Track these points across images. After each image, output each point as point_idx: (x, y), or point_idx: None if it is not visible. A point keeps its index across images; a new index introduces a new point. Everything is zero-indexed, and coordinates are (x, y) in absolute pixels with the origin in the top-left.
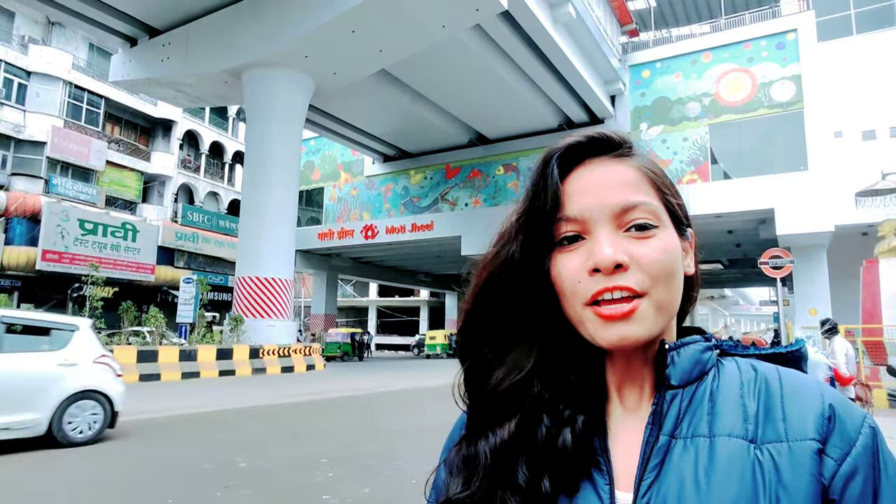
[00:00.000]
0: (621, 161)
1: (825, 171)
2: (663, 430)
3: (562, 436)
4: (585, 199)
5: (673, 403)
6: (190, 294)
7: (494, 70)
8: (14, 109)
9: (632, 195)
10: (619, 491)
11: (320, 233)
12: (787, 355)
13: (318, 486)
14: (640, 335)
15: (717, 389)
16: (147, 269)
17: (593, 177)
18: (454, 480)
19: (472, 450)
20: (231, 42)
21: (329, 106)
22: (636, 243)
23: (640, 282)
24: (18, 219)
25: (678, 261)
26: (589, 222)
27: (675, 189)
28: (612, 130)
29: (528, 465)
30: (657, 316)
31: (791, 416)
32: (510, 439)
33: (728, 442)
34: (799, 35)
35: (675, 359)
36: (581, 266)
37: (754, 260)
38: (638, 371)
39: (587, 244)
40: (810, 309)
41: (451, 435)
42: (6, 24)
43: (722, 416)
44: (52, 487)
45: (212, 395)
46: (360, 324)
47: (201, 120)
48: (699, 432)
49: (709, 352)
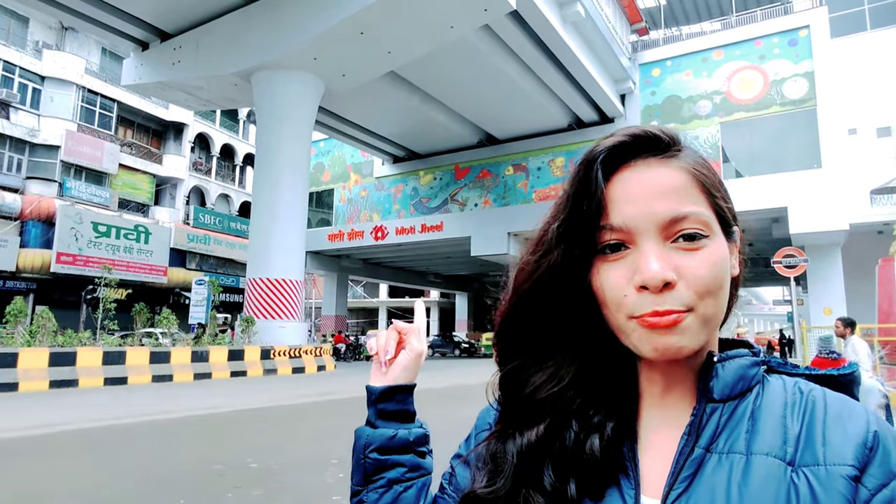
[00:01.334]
0: (668, 163)
1: (839, 168)
2: (699, 442)
3: (589, 442)
4: (631, 207)
5: (712, 417)
6: (202, 295)
7: (503, 70)
8: (28, 114)
9: (681, 204)
10: (644, 496)
11: (330, 234)
12: (839, 378)
13: (328, 486)
14: (686, 347)
15: (760, 407)
16: (159, 270)
17: (639, 182)
18: (480, 474)
19: (501, 447)
20: (241, 45)
21: (338, 107)
22: (684, 256)
23: (687, 300)
24: (33, 222)
25: (727, 271)
26: (634, 233)
27: (726, 190)
28: (660, 127)
29: (555, 469)
30: (703, 328)
31: (831, 440)
32: (538, 442)
33: (765, 461)
34: (811, 31)
35: (719, 371)
36: (626, 279)
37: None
38: (679, 380)
39: (632, 255)
40: (825, 308)
41: (478, 424)
42: (21, 29)
43: (761, 435)
44: (63, 487)
45: (223, 396)
46: (371, 325)
47: (212, 123)
48: (736, 449)
49: (755, 367)
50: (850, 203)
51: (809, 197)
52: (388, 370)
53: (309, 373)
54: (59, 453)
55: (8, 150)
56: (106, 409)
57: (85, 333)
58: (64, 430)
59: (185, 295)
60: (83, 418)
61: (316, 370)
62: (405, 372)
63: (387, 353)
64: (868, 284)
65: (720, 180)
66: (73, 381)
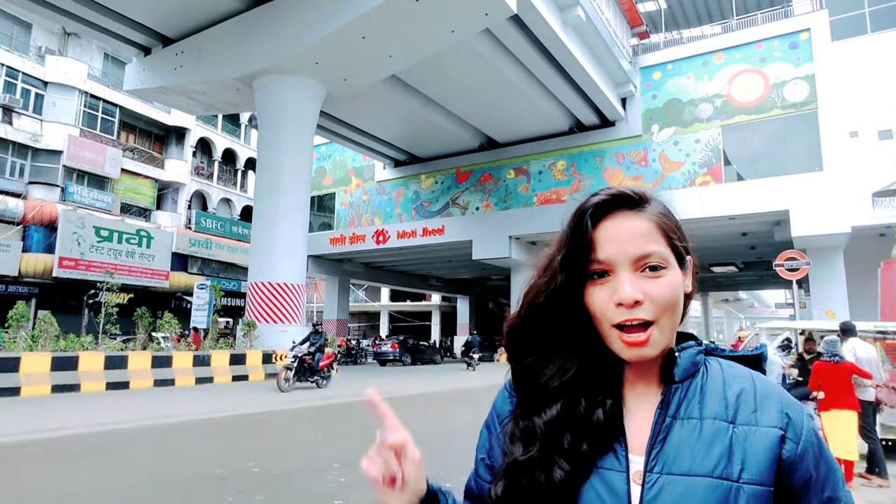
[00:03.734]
0: (639, 215)
1: (841, 171)
2: (668, 412)
3: (595, 414)
4: (611, 247)
5: (675, 394)
6: (204, 300)
7: (504, 74)
8: (31, 119)
9: (646, 245)
10: (632, 455)
11: (332, 238)
12: (754, 357)
13: (330, 491)
14: (653, 354)
15: (706, 384)
16: (161, 275)
17: (617, 229)
18: (515, 446)
19: (530, 423)
20: (242, 50)
21: (340, 111)
22: (649, 282)
23: (651, 312)
24: (36, 227)
25: (681, 292)
26: (614, 265)
27: (682, 232)
28: (633, 188)
29: (572, 435)
30: (664, 338)
31: (761, 408)
32: (558, 416)
33: (713, 422)
34: (812, 34)
35: (677, 360)
36: (608, 298)
37: (769, 262)
38: (649, 369)
39: (613, 281)
40: (827, 311)
41: (499, 412)
42: (24, 35)
43: (709, 404)
44: (65, 491)
45: (225, 400)
46: (372, 329)
47: (214, 127)
48: (692, 415)
49: (700, 354)
50: (851, 206)
51: (811, 200)
52: (401, 491)
53: None
54: (61, 458)
55: (11, 155)
56: (108, 413)
57: (87, 338)
58: (66, 434)
59: (186, 299)
60: (85, 423)
61: None
62: (418, 483)
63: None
64: (870, 287)
65: (678, 225)
66: (75, 386)
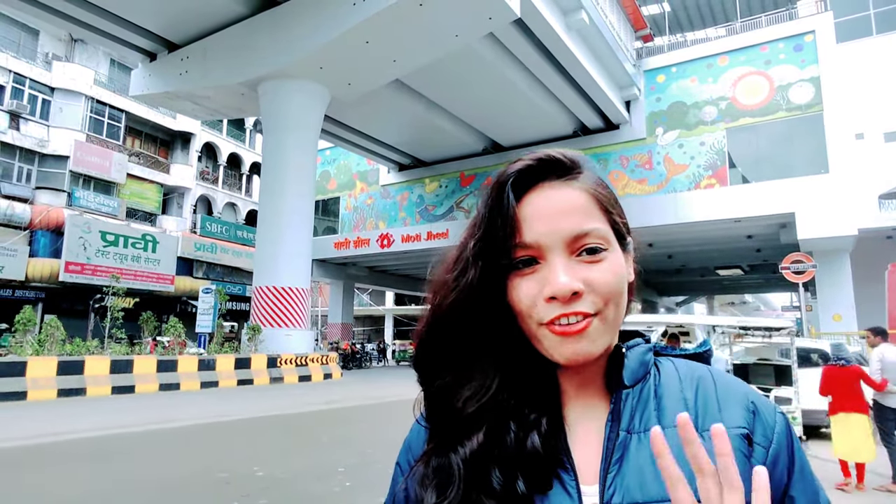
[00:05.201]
0: (570, 184)
1: (847, 173)
2: (621, 426)
3: (530, 439)
4: (539, 225)
5: (627, 401)
6: (209, 304)
7: (508, 77)
8: (38, 125)
9: (583, 222)
10: (584, 485)
11: (336, 242)
12: (702, 354)
13: (335, 495)
14: (593, 351)
15: (660, 386)
16: (167, 279)
17: (546, 203)
18: (429, 492)
19: (444, 461)
20: (247, 54)
21: (344, 116)
22: (588, 268)
23: (593, 304)
24: (42, 231)
25: (625, 279)
26: (543, 248)
27: (620, 207)
28: (561, 151)
29: (501, 469)
30: (606, 331)
31: (725, 408)
32: (480, 447)
33: (675, 432)
34: (817, 36)
35: (625, 360)
36: (537, 291)
37: (775, 265)
38: (591, 374)
39: (542, 270)
40: (834, 315)
41: (412, 447)
42: (31, 41)
43: (668, 411)
44: (70, 495)
45: (230, 405)
46: (377, 332)
47: (219, 132)
48: (651, 425)
49: (649, 353)
50: (858, 208)
51: (817, 202)
52: None
53: (315, 381)
54: (66, 462)
55: (18, 161)
56: (113, 417)
57: (93, 342)
58: (71, 438)
59: (192, 303)
60: (91, 427)
61: (322, 378)
62: None
63: None
64: (878, 290)
65: (616, 198)
66: (81, 390)
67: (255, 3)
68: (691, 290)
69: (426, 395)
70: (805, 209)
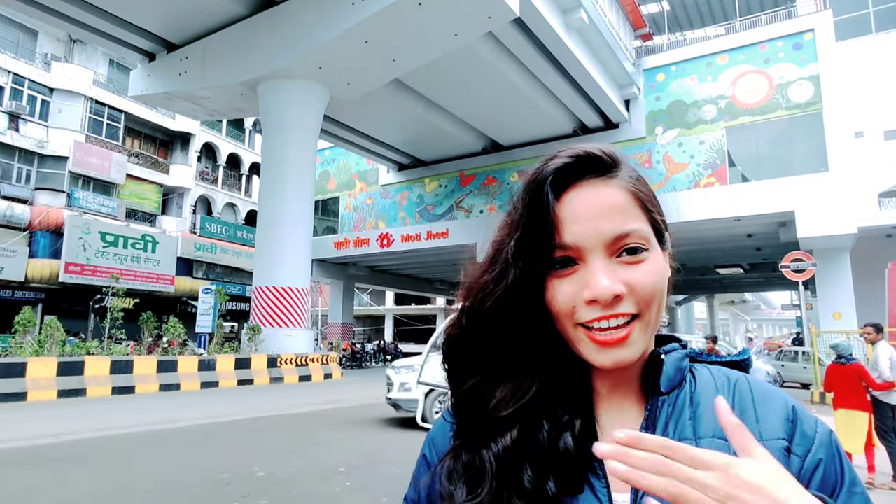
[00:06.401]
0: (610, 183)
1: (847, 172)
2: (655, 433)
3: (562, 440)
4: (579, 226)
5: (662, 409)
6: (208, 304)
7: (508, 77)
8: (37, 125)
9: (624, 223)
10: (615, 493)
11: (336, 242)
12: (740, 363)
13: (335, 495)
14: (633, 358)
15: (696, 394)
16: (166, 280)
17: (585, 203)
18: (458, 488)
19: (475, 458)
20: (246, 55)
21: (344, 116)
22: (629, 269)
23: (636, 305)
24: (42, 232)
25: (666, 279)
26: (583, 250)
27: (658, 203)
28: (600, 147)
29: (533, 469)
30: (646, 335)
31: (763, 418)
32: (514, 445)
33: (712, 443)
34: (816, 35)
35: (663, 366)
36: (576, 293)
37: (775, 263)
38: (626, 377)
39: (581, 271)
40: (834, 313)
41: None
42: (30, 42)
43: (704, 420)
44: (70, 496)
45: (230, 405)
46: (377, 332)
47: (218, 132)
48: (685, 435)
49: (686, 359)
50: (858, 206)
51: (817, 200)
52: None
53: (315, 381)
54: (67, 463)
55: (17, 162)
56: (113, 417)
57: (93, 343)
58: (72, 439)
59: (191, 304)
60: (91, 427)
61: (322, 378)
62: None
63: None
64: (878, 288)
65: (654, 194)
66: (81, 391)
67: (255, 3)
68: (691, 289)
69: (454, 394)
70: (805, 207)
